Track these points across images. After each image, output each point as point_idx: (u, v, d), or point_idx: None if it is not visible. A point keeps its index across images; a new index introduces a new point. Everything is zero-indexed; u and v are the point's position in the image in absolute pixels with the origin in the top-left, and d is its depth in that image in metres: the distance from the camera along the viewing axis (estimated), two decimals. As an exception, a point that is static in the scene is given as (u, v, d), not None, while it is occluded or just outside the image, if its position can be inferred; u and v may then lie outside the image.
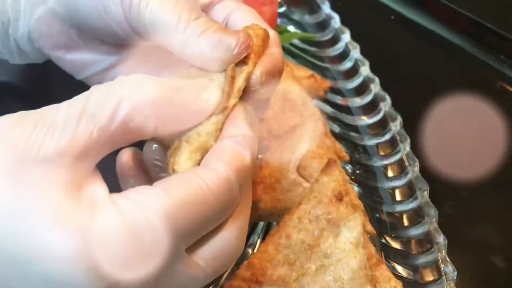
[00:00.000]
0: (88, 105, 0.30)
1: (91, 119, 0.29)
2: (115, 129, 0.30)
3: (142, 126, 0.31)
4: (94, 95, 0.30)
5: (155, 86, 0.31)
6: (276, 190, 0.56)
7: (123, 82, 0.31)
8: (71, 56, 0.47)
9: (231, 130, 0.34)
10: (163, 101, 0.31)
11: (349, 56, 0.77)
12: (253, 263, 0.49)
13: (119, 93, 0.30)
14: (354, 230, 0.45)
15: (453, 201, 0.64)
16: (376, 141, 0.66)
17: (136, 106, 0.30)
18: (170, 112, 0.32)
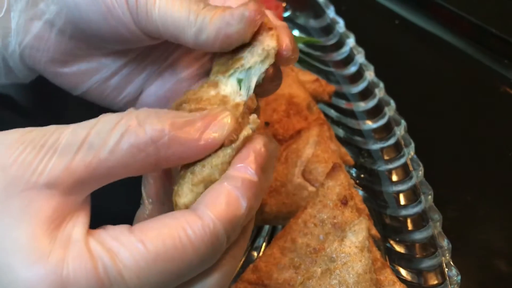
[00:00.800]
0: (91, 134, 0.29)
1: (91, 149, 0.29)
2: (114, 163, 0.29)
3: (142, 162, 0.30)
4: (99, 125, 0.30)
5: (160, 123, 0.30)
6: (282, 193, 0.56)
7: (130, 116, 0.30)
8: (68, 70, 0.45)
9: (236, 171, 0.32)
10: (167, 139, 0.30)
11: (353, 61, 0.78)
12: (259, 266, 0.50)
13: (124, 127, 0.29)
14: (360, 234, 0.45)
15: (457, 205, 0.65)
16: (380, 146, 0.67)
17: (139, 143, 0.30)
18: (173, 150, 0.31)
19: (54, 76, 0.46)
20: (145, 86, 0.48)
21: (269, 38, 0.36)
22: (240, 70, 0.36)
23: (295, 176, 0.56)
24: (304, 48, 0.85)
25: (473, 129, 0.76)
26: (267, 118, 0.64)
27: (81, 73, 0.46)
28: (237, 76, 0.36)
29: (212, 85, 0.37)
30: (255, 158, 0.33)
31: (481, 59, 0.86)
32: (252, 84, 0.36)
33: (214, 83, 0.37)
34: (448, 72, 0.86)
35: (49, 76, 0.46)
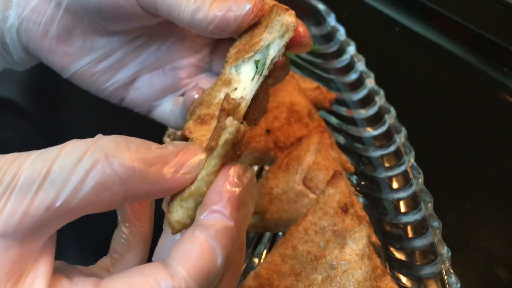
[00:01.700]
0: (53, 170, 0.26)
1: (53, 187, 0.26)
2: (77, 203, 0.27)
3: (108, 201, 0.28)
4: (62, 158, 0.27)
5: (130, 158, 0.28)
6: (283, 201, 0.57)
7: (97, 148, 0.27)
8: (62, 47, 0.45)
9: (209, 218, 0.29)
10: (136, 178, 0.28)
11: (354, 68, 0.78)
12: (260, 273, 0.50)
13: (89, 162, 0.27)
14: (360, 241, 0.46)
15: (456, 212, 0.65)
16: (381, 153, 0.67)
17: (105, 182, 0.27)
18: (142, 188, 0.28)
19: (47, 53, 0.46)
20: (139, 73, 0.48)
21: (287, 16, 0.37)
22: (260, 51, 0.37)
23: (296, 183, 0.57)
24: (305, 55, 0.85)
25: (473, 136, 0.77)
26: (268, 125, 0.64)
27: (75, 52, 0.46)
28: (255, 58, 0.37)
29: (225, 83, 0.37)
30: (228, 199, 0.30)
31: (481, 67, 0.87)
32: (268, 60, 0.36)
33: (227, 81, 0.37)
34: (448, 80, 0.86)
35: (43, 53, 0.46)
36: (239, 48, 0.39)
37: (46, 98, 0.77)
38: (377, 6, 0.99)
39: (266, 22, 0.38)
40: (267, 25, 0.38)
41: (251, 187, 0.32)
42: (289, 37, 0.36)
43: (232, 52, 0.39)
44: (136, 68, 0.47)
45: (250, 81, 0.36)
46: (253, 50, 0.37)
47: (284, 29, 0.36)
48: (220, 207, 0.29)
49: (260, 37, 0.37)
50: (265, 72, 0.36)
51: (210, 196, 0.30)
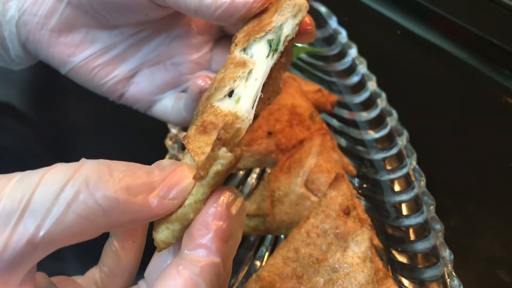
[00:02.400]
0: (33, 200, 0.25)
1: (34, 219, 0.25)
2: (58, 234, 0.26)
3: (91, 232, 0.27)
4: (43, 187, 0.26)
5: (113, 188, 0.26)
6: (284, 203, 0.57)
7: (80, 177, 0.26)
8: (62, 40, 0.45)
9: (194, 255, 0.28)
10: (120, 209, 0.27)
11: (356, 71, 0.78)
12: (262, 276, 0.50)
13: (71, 193, 0.26)
14: (362, 244, 0.46)
15: (458, 215, 0.65)
16: (383, 155, 0.67)
17: (87, 214, 0.26)
18: (126, 218, 0.27)
19: (47, 46, 0.45)
20: (140, 68, 0.48)
21: None
22: (271, 31, 0.37)
23: (297, 186, 0.57)
24: (307, 58, 0.85)
25: (474, 139, 0.77)
26: (270, 128, 0.64)
27: (75, 45, 0.45)
28: (268, 37, 0.37)
29: (240, 65, 0.37)
30: (215, 232, 0.28)
31: (482, 70, 0.87)
32: (282, 37, 0.36)
33: (241, 62, 0.37)
34: (449, 83, 0.86)
35: (42, 47, 0.46)
36: (247, 31, 0.39)
37: (45, 100, 0.77)
38: (379, 9, 0.99)
39: (274, 8, 0.39)
40: (276, 10, 0.38)
41: (240, 216, 0.30)
42: (302, 16, 0.37)
43: (240, 36, 0.39)
44: (137, 62, 0.47)
45: (265, 59, 0.36)
46: (264, 31, 0.37)
47: (297, 9, 0.37)
48: (206, 241, 0.28)
49: (270, 19, 0.38)
50: (281, 48, 0.36)
51: (197, 228, 0.29)
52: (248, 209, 0.58)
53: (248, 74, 0.36)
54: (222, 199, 0.29)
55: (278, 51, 0.36)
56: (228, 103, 0.35)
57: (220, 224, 0.29)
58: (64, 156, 0.71)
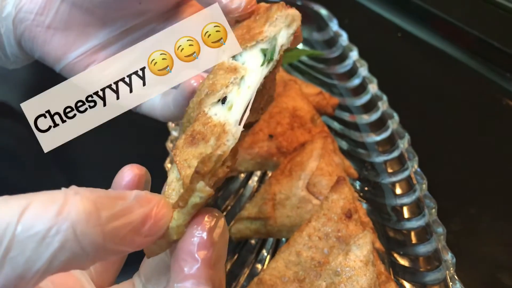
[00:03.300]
0: (13, 247, 0.23)
1: (16, 270, 0.24)
2: (43, 278, 0.25)
3: (73, 268, 0.26)
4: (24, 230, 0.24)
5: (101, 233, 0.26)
6: (286, 206, 0.56)
7: (65, 219, 0.24)
8: (58, 37, 0.45)
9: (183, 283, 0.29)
10: (106, 253, 0.26)
11: (357, 73, 0.78)
12: (264, 279, 0.50)
13: (57, 242, 0.24)
14: (364, 248, 0.46)
15: (460, 218, 0.65)
16: (384, 158, 0.67)
17: (73, 261, 0.25)
18: (108, 257, 0.27)
19: (42, 43, 0.46)
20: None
21: (290, 10, 0.38)
22: (264, 41, 0.38)
23: (299, 189, 0.57)
24: (307, 60, 0.85)
25: (476, 142, 0.76)
26: (271, 131, 0.64)
27: (70, 42, 0.46)
28: (261, 46, 0.38)
29: (230, 71, 0.37)
30: (203, 261, 0.29)
31: (483, 73, 0.87)
32: (277, 47, 0.37)
33: (231, 68, 0.37)
34: (450, 85, 0.86)
35: (37, 44, 0.46)
36: (236, 37, 0.39)
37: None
38: (379, 12, 0.99)
39: (264, 19, 0.39)
40: (266, 20, 0.38)
41: (223, 238, 0.31)
42: (297, 25, 0.38)
43: None
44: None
45: (259, 67, 0.37)
46: (255, 40, 0.37)
47: (290, 19, 0.38)
48: (194, 271, 0.29)
49: (261, 29, 0.38)
50: (277, 57, 0.37)
51: (183, 258, 0.29)
52: (249, 212, 0.58)
53: (241, 80, 0.36)
54: (203, 224, 0.30)
55: (273, 60, 0.37)
56: (221, 109, 0.35)
57: (205, 253, 0.29)
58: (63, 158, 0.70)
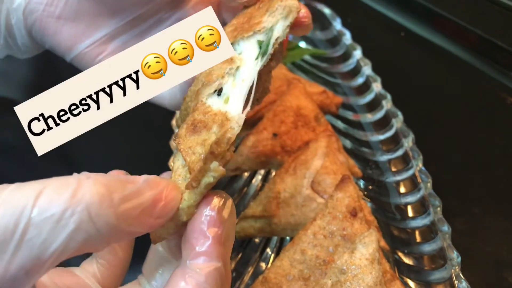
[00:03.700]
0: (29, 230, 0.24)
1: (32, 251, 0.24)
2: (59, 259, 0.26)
3: (88, 250, 0.27)
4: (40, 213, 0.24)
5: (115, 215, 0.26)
6: (290, 205, 0.56)
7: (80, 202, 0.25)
8: (68, 26, 0.46)
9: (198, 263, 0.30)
10: (119, 234, 0.27)
11: (360, 72, 0.78)
12: (269, 278, 0.50)
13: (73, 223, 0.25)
14: (370, 246, 0.45)
15: (464, 217, 0.65)
16: (388, 157, 0.67)
17: (87, 241, 0.26)
18: (121, 239, 0.29)
19: (53, 34, 0.46)
20: None
21: (290, 0, 0.37)
22: (261, 32, 0.37)
23: (303, 188, 0.56)
24: (311, 59, 0.85)
25: (480, 141, 0.76)
26: (275, 130, 0.64)
27: (81, 32, 0.46)
28: (258, 38, 0.37)
29: (226, 61, 0.36)
30: (213, 239, 0.30)
31: (487, 72, 0.87)
32: (272, 40, 0.36)
33: (228, 60, 0.37)
34: (454, 84, 0.86)
35: (48, 34, 0.46)
36: (236, 26, 0.39)
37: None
38: (382, 11, 0.99)
39: (266, 7, 0.39)
40: (267, 9, 0.38)
41: (232, 217, 0.32)
42: (293, 17, 0.37)
43: (228, 30, 0.39)
44: None
45: (253, 60, 0.36)
46: (253, 30, 0.37)
47: (287, 10, 0.37)
48: (206, 248, 0.30)
49: (260, 19, 0.38)
50: (270, 51, 0.36)
51: (194, 237, 0.30)
52: (254, 211, 0.57)
53: (236, 71, 0.36)
54: (213, 204, 0.31)
55: (267, 54, 0.36)
56: (217, 101, 0.36)
57: (216, 230, 0.30)
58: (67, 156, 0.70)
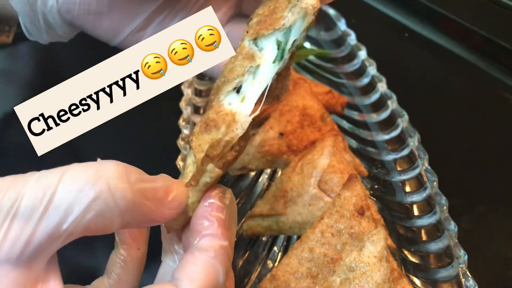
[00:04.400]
0: (56, 197, 0.27)
1: (55, 216, 0.27)
2: (77, 230, 0.28)
3: (105, 228, 0.29)
4: (65, 185, 0.27)
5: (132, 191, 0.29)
6: (298, 204, 0.57)
7: (101, 176, 0.28)
8: (105, 21, 0.47)
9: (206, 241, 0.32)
10: (134, 211, 0.29)
11: (365, 73, 0.78)
12: (277, 275, 0.50)
13: (93, 192, 0.27)
14: (378, 244, 0.46)
15: (469, 216, 0.65)
16: (394, 157, 0.67)
17: (105, 212, 0.28)
18: (136, 220, 0.30)
19: (92, 28, 0.48)
20: None
21: None
22: (280, 30, 0.36)
23: (311, 187, 0.57)
24: (315, 60, 0.86)
25: (483, 140, 0.77)
26: (282, 129, 0.64)
27: (117, 23, 0.47)
28: (277, 36, 0.37)
29: (247, 58, 0.37)
30: (218, 222, 0.33)
31: (491, 72, 0.87)
32: (289, 45, 0.36)
33: (249, 55, 0.37)
34: (458, 85, 0.87)
35: (88, 29, 0.48)
36: (260, 18, 0.38)
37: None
38: (386, 12, 1.00)
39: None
40: (289, 2, 0.37)
41: (233, 205, 0.35)
42: (308, 21, 0.35)
43: (253, 22, 0.38)
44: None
45: (271, 63, 0.36)
46: (273, 27, 0.36)
47: (304, 12, 0.35)
48: (212, 230, 0.32)
49: (281, 13, 0.36)
50: (286, 56, 0.36)
51: (199, 223, 0.33)
52: (261, 209, 0.58)
53: (256, 69, 0.36)
54: (214, 194, 0.34)
55: (283, 59, 0.36)
56: (234, 99, 0.37)
57: (219, 215, 0.33)
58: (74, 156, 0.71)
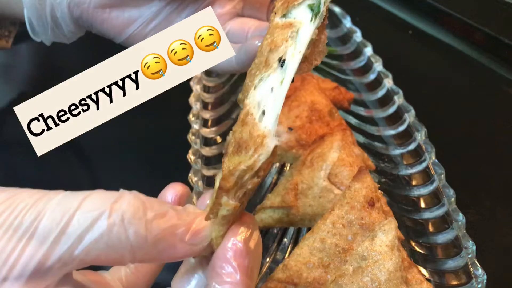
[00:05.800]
0: (71, 223, 0.27)
1: (68, 242, 0.27)
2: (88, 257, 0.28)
3: (115, 261, 0.29)
4: (83, 211, 0.28)
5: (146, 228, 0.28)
6: (308, 196, 0.58)
7: (117, 208, 0.28)
8: (114, 15, 0.47)
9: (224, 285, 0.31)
10: (146, 248, 0.29)
11: (372, 69, 0.79)
12: (289, 265, 0.51)
13: (106, 224, 0.27)
14: (389, 233, 0.47)
15: (476, 209, 0.66)
16: (401, 151, 0.68)
17: (115, 246, 0.28)
18: (149, 256, 0.30)
19: (100, 23, 0.48)
20: None
21: None
22: None
23: (321, 179, 0.58)
24: (322, 57, 0.86)
25: (489, 135, 0.78)
26: (290, 124, 0.65)
27: (126, 17, 0.48)
28: (308, 2, 0.37)
29: (287, 27, 0.37)
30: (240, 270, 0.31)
31: (494, 68, 0.88)
32: (322, 0, 0.36)
33: (287, 24, 0.37)
34: (462, 81, 0.88)
35: (96, 24, 0.48)
36: None
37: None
38: (390, 10, 1.01)
39: None
40: None
41: (258, 248, 0.33)
42: None
43: (278, 5, 0.39)
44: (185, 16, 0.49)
45: (309, 22, 0.36)
46: None
47: None
48: (233, 279, 0.31)
49: None
50: (323, 10, 0.36)
51: (220, 265, 0.31)
52: (272, 202, 0.59)
53: (297, 34, 0.36)
54: (239, 233, 0.32)
55: (320, 13, 0.36)
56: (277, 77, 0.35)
57: (243, 262, 0.31)
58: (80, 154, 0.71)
